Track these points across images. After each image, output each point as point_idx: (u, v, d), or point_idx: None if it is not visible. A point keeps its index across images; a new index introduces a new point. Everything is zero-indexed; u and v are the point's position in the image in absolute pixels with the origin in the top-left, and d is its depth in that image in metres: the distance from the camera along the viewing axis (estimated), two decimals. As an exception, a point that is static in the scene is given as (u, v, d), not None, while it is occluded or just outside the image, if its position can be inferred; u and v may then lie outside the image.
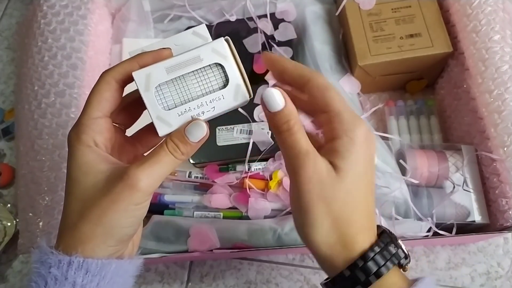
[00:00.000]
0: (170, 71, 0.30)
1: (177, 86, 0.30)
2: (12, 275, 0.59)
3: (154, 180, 0.29)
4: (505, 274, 0.54)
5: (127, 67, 0.31)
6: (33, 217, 0.49)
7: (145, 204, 0.30)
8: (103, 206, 0.28)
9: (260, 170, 0.54)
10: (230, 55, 0.31)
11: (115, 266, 0.30)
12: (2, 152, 0.66)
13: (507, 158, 0.48)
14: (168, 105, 0.30)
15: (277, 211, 0.53)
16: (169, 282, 0.57)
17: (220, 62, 0.30)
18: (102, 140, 0.31)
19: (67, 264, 0.28)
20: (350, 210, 0.30)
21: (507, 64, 0.50)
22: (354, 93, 0.60)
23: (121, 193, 0.28)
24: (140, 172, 0.28)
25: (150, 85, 0.30)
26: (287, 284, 0.56)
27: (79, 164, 0.30)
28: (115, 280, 0.30)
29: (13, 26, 0.76)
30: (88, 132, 0.30)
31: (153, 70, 0.30)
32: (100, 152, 0.30)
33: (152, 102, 0.30)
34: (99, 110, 0.30)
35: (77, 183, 0.30)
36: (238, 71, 0.31)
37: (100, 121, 0.31)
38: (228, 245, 0.51)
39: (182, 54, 0.30)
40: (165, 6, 0.65)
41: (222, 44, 0.31)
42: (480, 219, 0.50)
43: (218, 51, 0.30)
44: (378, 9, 0.59)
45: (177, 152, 0.30)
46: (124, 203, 0.28)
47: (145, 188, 0.29)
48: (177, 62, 0.30)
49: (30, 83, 0.55)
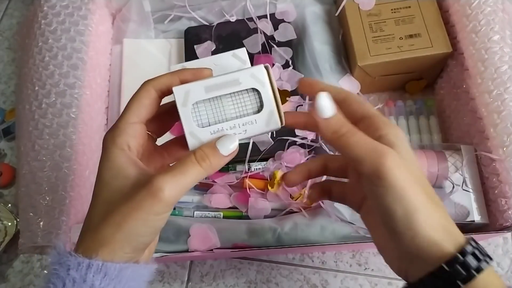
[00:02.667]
0: (208, 90, 0.31)
1: (213, 105, 0.31)
2: (12, 274, 0.59)
3: (177, 191, 0.29)
4: (505, 274, 0.54)
5: (168, 80, 0.32)
6: (34, 217, 0.49)
7: (165, 215, 0.30)
8: (125, 212, 0.28)
9: (260, 170, 0.54)
10: (267, 82, 0.31)
11: (131, 271, 0.30)
12: (2, 152, 0.66)
13: (507, 158, 0.48)
14: (203, 122, 0.31)
15: (277, 211, 0.53)
16: (169, 282, 0.57)
17: (257, 88, 0.31)
18: (135, 144, 0.31)
19: (86, 266, 0.28)
20: (435, 195, 0.30)
21: (507, 65, 0.50)
22: (354, 93, 0.60)
23: (143, 201, 0.28)
24: (164, 182, 0.28)
25: (188, 101, 0.31)
26: (287, 283, 0.56)
27: (111, 167, 0.30)
28: (130, 284, 0.30)
29: (13, 27, 0.76)
30: (123, 135, 0.31)
31: (192, 88, 0.31)
32: (131, 156, 0.31)
33: (187, 118, 0.31)
34: (136, 115, 0.31)
35: (105, 186, 0.30)
36: (273, 99, 0.32)
37: (136, 126, 0.31)
38: (228, 244, 0.51)
39: (222, 75, 0.31)
40: (166, 6, 0.65)
41: (261, 71, 0.31)
42: (480, 219, 0.50)
43: (257, 76, 0.31)
44: (378, 9, 0.59)
45: (205, 162, 0.30)
46: (145, 212, 0.28)
47: (167, 198, 0.28)
48: (216, 83, 0.31)
49: (30, 83, 0.55)
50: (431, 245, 0.28)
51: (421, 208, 0.28)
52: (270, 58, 0.60)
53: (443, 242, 0.28)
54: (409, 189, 0.28)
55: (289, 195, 0.52)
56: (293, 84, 0.58)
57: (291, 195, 0.52)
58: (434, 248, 0.28)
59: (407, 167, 0.29)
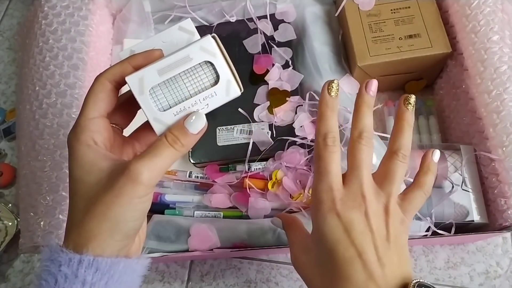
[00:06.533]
0: (162, 73, 0.31)
1: (170, 87, 0.31)
2: (13, 274, 0.59)
3: (155, 173, 0.29)
4: (504, 274, 0.54)
5: (120, 69, 0.32)
6: (34, 217, 0.50)
7: (148, 197, 0.30)
8: (107, 201, 0.29)
9: (260, 170, 0.54)
10: (218, 52, 0.31)
11: (123, 265, 0.30)
12: (3, 152, 0.66)
13: (506, 158, 0.48)
14: (163, 106, 0.31)
15: (277, 211, 0.53)
16: (169, 281, 0.57)
17: (210, 60, 0.31)
18: (101, 139, 0.31)
19: (77, 262, 0.28)
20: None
21: (506, 65, 0.50)
22: (354, 94, 0.60)
23: (124, 187, 0.29)
24: (141, 165, 0.29)
25: (144, 88, 0.30)
26: (287, 283, 0.56)
27: (81, 164, 0.30)
28: (123, 279, 0.30)
29: (14, 27, 0.76)
30: (86, 132, 0.31)
31: (145, 74, 0.31)
32: (100, 150, 0.31)
33: (147, 105, 0.31)
34: (95, 110, 0.31)
35: (81, 183, 0.30)
36: (227, 67, 0.31)
37: (97, 120, 0.31)
38: (228, 244, 0.51)
39: (172, 54, 0.31)
40: (166, 7, 0.65)
41: (209, 42, 0.31)
42: (479, 219, 0.51)
43: (207, 49, 0.31)
44: (377, 10, 0.59)
45: (177, 143, 0.30)
46: (128, 197, 0.29)
47: (147, 181, 0.29)
48: (167, 64, 0.31)
49: (31, 83, 0.55)
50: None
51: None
52: (270, 58, 0.60)
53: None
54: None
55: (289, 195, 0.52)
56: (293, 84, 0.58)
57: (291, 195, 0.52)
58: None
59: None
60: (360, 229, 0.32)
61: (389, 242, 0.32)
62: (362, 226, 0.32)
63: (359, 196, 0.33)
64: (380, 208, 0.33)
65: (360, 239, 0.32)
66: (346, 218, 0.32)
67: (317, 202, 0.34)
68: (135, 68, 0.31)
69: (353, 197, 0.33)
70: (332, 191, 0.33)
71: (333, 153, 0.34)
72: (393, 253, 0.32)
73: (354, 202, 0.33)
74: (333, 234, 0.32)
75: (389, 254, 0.32)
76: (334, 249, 0.32)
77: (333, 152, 0.34)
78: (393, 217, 0.33)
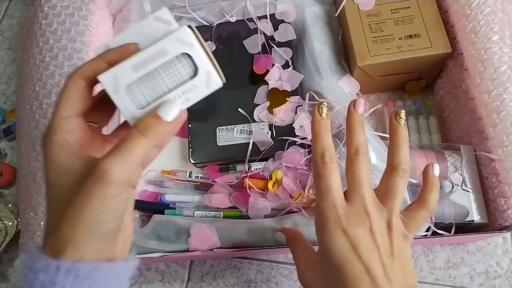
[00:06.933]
0: (137, 69, 0.29)
1: (146, 83, 0.29)
2: (13, 274, 0.59)
3: (126, 169, 0.27)
4: (504, 274, 0.54)
5: (93, 66, 0.30)
6: (34, 217, 0.50)
7: (123, 196, 0.28)
8: (78, 205, 0.27)
9: (260, 170, 0.54)
10: (196, 43, 0.29)
11: (106, 270, 0.28)
12: (3, 152, 0.66)
13: (506, 158, 0.48)
14: (141, 103, 0.29)
15: (277, 211, 0.53)
16: (169, 281, 0.57)
17: (187, 52, 0.29)
18: (75, 139, 0.29)
19: (55, 269, 0.26)
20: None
21: (506, 65, 0.50)
22: (354, 94, 0.60)
23: (92, 189, 0.26)
24: (109, 163, 0.27)
25: (119, 87, 0.29)
26: (287, 283, 0.56)
27: (54, 167, 0.29)
28: (107, 283, 0.28)
29: (14, 27, 0.76)
30: (58, 132, 0.29)
31: (119, 71, 0.29)
32: (73, 151, 0.29)
33: (124, 104, 0.29)
34: (68, 109, 0.29)
35: (54, 186, 0.29)
36: (206, 58, 0.29)
37: (70, 120, 0.29)
38: (228, 244, 0.51)
39: (147, 48, 0.29)
40: (166, 7, 0.65)
41: (186, 33, 0.29)
42: (479, 219, 0.51)
43: (183, 40, 0.29)
44: (377, 10, 0.59)
45: (149, 131, 0.28)
46: (98, 198, 0.26)
47: (117, 179, 0.27)
48: (142, 59, 0.29)
49: (31, 84, 0.55)
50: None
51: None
52: (270, 58, 0.60)
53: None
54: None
55: (289, 195, 0.52)
56: (293, 84, 0.58)
57: (291, 195, 0.52)
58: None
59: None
60: (367, 245, 0.33)
61: (394, 257, 0.33)
62: (368, 242, 0.33)
63: (362, 213, 0.34)
64: (383, 224, 0.34)
65: (367, 256, 0.32)
66: (352, 235, 0.33)
67: (322, 220, 0.34)
68: (110, 65, 0.29)
69: (357, 213, 0.34)
70: (336, 209, 0.34)
71: (332, 170, 0.35)
72: (398, 268, 0.33)
73: (358, 218, 0.34)
74: (340, 251, 0.33)
75: (395, 270, 0.32)
76: (342, 266, 0.32)
77: (332, 170, 0.35)
78: (396, 232, 0.34)
